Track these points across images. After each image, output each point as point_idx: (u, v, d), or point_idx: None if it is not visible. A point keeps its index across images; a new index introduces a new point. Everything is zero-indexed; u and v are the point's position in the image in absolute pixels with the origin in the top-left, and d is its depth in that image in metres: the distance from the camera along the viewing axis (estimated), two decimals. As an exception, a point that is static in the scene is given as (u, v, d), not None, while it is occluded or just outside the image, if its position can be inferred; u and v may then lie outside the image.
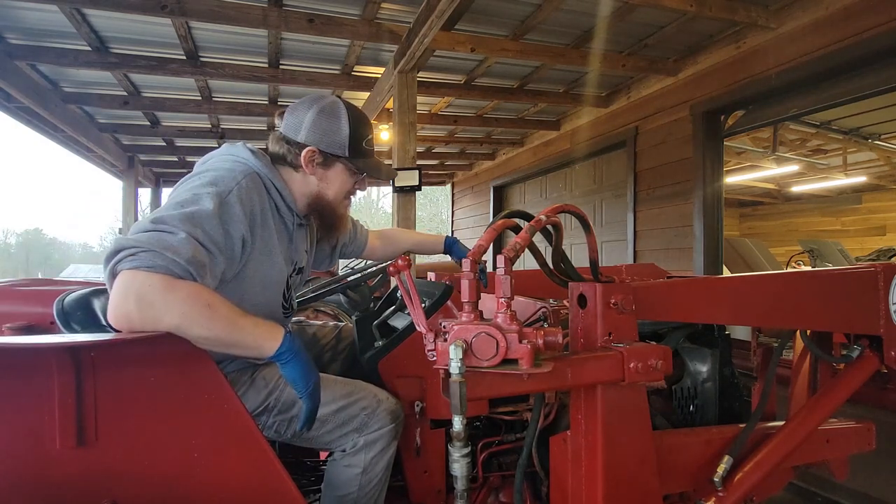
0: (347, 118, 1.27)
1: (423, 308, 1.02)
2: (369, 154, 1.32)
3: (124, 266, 0.91)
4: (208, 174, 1.11)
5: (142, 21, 3.47)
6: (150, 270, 0.91)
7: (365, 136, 1.30)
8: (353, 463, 1.28)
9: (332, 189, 1.29)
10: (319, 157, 1.25)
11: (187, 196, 1.03)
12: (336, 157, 1.26)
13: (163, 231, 0.95)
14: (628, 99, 4.95)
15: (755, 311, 1.24)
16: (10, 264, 36.85)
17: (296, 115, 1.26)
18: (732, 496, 1.20)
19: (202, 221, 1.00)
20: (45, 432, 0.88)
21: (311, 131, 1.23)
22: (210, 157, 1.22)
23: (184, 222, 0.98)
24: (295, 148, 1.24)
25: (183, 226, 0.97)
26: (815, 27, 3.28)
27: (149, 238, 0.93)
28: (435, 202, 28.86)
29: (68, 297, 1.33)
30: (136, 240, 0.92)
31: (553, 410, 1.40)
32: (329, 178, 1.28)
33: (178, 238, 0.95)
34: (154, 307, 0.90)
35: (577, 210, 1.10)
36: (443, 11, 2.85)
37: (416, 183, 3.62)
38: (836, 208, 9.69)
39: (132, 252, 0.91)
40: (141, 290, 0.90)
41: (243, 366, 1.28)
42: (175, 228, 0.96)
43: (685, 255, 4.30)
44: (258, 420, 1.26)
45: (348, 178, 1.31)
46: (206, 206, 1.02)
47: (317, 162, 1.25)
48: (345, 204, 1.36)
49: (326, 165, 1.27)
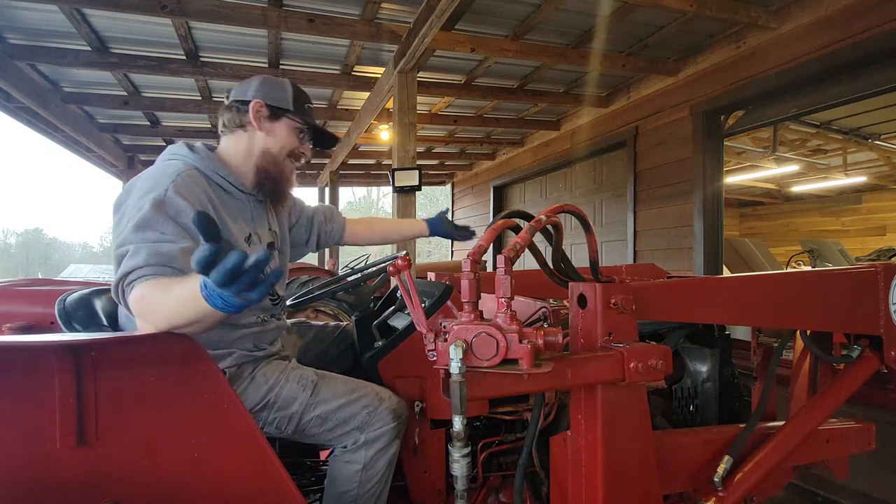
0: (290, 84, 1.39)
1: (423, 308, 1.02)
2: (311, 117, 1.41)
3: (125, 302, 1.02)
4: (145, 183, 1.15)
5: (142, 21, 3.47)
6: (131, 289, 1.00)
7: (307, 101, 1.41)
8: (353, 459, 1.28)
9: (278, 143, 1.35)
10: (266, 111, 1.33)
11: (132, 211, 1.09)
12: (282, 110, 1.35)
13: (123, 254, 1.03)
14: (628, 99, 4.95)
15: (755, 311, 1.24)
16: (10, 264, 36.85)
17: (243, 83, 1.38)
18: (732, 496, 1.20)
19: (149, 225, 1.05)
20: (45, 432, 0.88)
21: (258, 90, 1.34)
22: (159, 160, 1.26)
23: (134, 234, 1.04)
24: (244, 105, 1.33)
25: (133, 238, 1.04)
26: (815, 27, 3.28)
27: (122, 269, 1.02)
28: (435, 202, 28.85)
29: (70, 297, 1.33)
30: (117, 278, 1.02)
31: (553, 410, 1.40)
32: (275, 132, 1.35)
33: (132, 250, 1.02)
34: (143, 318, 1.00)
35: (577, 210, 1.10)
36: (443, 11, 2.85)
37: (416, 183, 3.62)
38: (836, 208, 9.69)
39: (120, 289, 1.02)
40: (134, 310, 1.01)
41: (243, 362, 1.28)
42: (129, 244, 1.04)
43: (685, 255, 4.30)
44: (258, 416, 1.26)
45: (292, 136, 1.37)
46: (147, 210, 1.07)
47: (263, 115, 1.33)
48: (289, 165, 1.40)
49: (272, 118, 1.34)
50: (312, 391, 1.29)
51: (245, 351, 1.28)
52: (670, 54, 4.18)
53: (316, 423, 1.28)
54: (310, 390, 1.29)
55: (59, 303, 1.31)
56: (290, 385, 1.29)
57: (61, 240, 45.82)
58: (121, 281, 1.01)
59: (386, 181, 6.09)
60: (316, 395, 1.29)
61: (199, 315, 0.91)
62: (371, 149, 7.20)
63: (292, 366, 1.35)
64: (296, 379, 1.30)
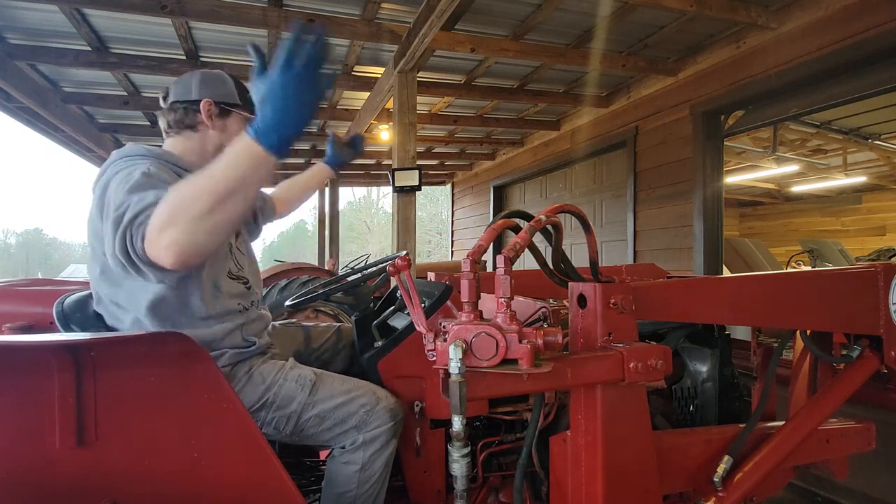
0: (229, 76, 1.36)
1: (422, 308, 1.02)
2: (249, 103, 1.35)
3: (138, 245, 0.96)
4: (122, 183, 1.08)
5: (142, 21, 3.47)
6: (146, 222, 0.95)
7: (247, 90, 1.34)
8: (351, 460, 1.28)
9: (231, 139, 1.22)
10: (216, 109, 1.31)
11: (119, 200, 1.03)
12: (230, 105, 1.33)
13: (124, 210, 0.99)
14: (628, 99, 4.95)
15: (755, 311, 1.24)
16: (10, 264, 36.85)
17: (180, 83, 1.33)
18: (732, 496, 1.20)
19: (143, 188, 1.03)
20: (45, 432, 0.88)
21: (202, 88, 1.31)
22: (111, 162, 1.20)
23: (131, 195, 1.01)
24: (192, 106, 1.30)
25: (131, 197, 1.00)
26: (815, 27, 3.28)
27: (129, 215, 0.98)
28: (435, 202, 28.86)
29: (68, 299, 1.33)
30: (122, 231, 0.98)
31: (553, 410, 1.40)
32: (228, 128, 1.33)
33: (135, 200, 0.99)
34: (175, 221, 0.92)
35: (576, 210, 1.10)
36: (443, 11, 2.85)
37: (416, 183, 3.62)
38: (836, 208, 9.68)
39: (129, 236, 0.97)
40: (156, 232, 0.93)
41: (237, 361, 1.28)
42: (127, 203, 1.00)
43: (685, 255, 4.30)
44: (256, 416, 1.26)
45: (244, 128, 1.27)
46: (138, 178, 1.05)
47: (214, 114, 1.31)
48: None
49: (223, 115, 1.33)
50: (311, 391, 1.29)
51: (236, 349, 1.28)
52: (670, 54, 4.18)
53: (314, 423, 1.28)
54: (308, 389, 1.29)
55: (56, 305, 1.31)
56: (289, 384, 1.29)
57: (61, 240, 45.82)
58: (130, 223, 0.97)
59: (386, 181, 6.10)
60: (314, 395, 1.29)
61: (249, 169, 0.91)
62: (371, 149, 7.20)
63: (290, 365, 1.35)
64: (294, 378, 1.30)
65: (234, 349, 1.28)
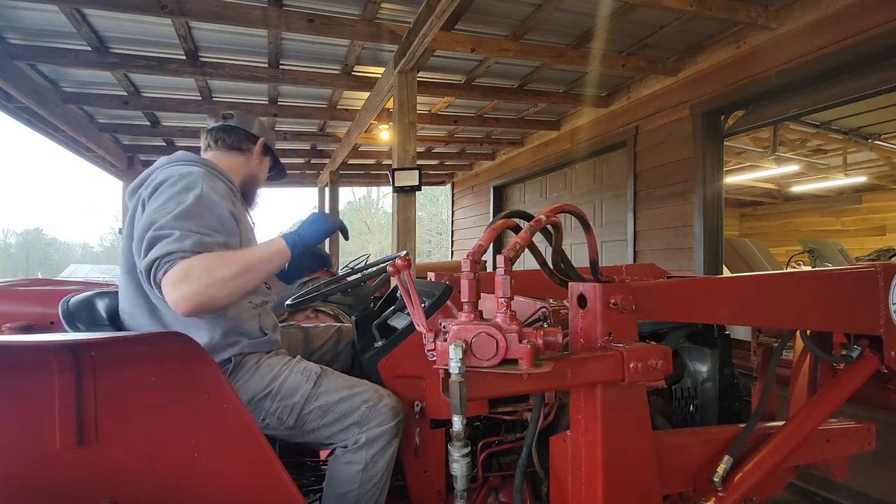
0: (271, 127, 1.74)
1: (422, 308, 1.02)
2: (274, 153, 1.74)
3: (158, 277, 1.15)
4: (178, 182, 1.28)
5: (142, 21, 3.47)
6: (173, 265, 1.14)
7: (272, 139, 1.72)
8: (354, 460, 1.29)
9: (262, 173, 1.68)
10: (262, 148, 1.64)
11: (171, 204, 1.23)
12: (269, 150, 1.68)
13: (165, 236, 1.17)
14: (628, 99, 4.95)
15: (755, 311, 1.24)
16: (10, 264, 36.84)
17: (244, 117, 1.63)
18: (732, 496, 1.20)
19: (191, 216, 1.21)
20: (45, 432, 0.88)
21: (260, 130, 1.64)
22: (159, 167, 1.37)
23: (177, 222, 1.19)
24: (251, 137, 1.61)
25: (176, 225, 1.18)
26: (815, 27, 3.28)
27: (161, 247, 1.16)
28: (435, 202, 28.84)
29: (73, 299, 1.34)
30: (155, 253, 1.15)
31: (553, 410, 1.40)
32: (263, 165, 1.67)
33: (175, 237, 1.17)
34: (188, 281, 1.13)
35: (576, 210, 1.10)
36: (443, 11, 2.85)
37: (416, 183, 3.61)
38: (836, 208, 9.69)
39: (157, 266, 1.15)
40: (177, 280, 1.13)
41: (250, 351, 1.34)
42: (172, 230, 1.18)
43: (685, 255, 4.30)
44: (261, 406, 1.29)
45: (266, 168, 1.70)
46: (189, 203, 1.23)
47: (260, 151, 1.64)
48: (261, 190, 1.69)
49: (264, 155, 1.66)
50: (315, 383, 1.33)
51: (252, 339, 1.35)
52: (670, 54, 4.17)
53: (317, 416, 1.31)
54: (312, 381, 1.33)
55: (62, 304, 1.32)
56: (294, 376, 1.33)
57: (61, 240, 45.78)
58: (162, 257, 1.14)
59: (386, 181, 6.10)
60: (318, 387, 1.33)
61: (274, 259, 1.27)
62: (371, 149, 7.20)
63: (297, 359, 1.40)
64: (300, 370, 1.35)
65: (249, 339, 1.35)
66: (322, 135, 6.48)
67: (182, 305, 1.12)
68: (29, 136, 75.71)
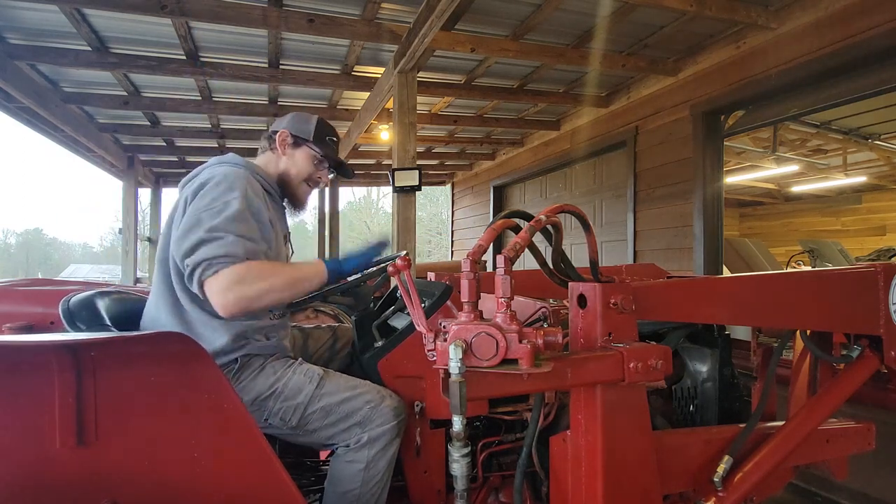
0: (317, 119, 1.59)
1: (422, 308, 1.02)
2: (331, 148, 1.60)
3: (206, 276, 1.21)
4: (221, 183, 1.32)
5: (142, 21, 3.47)
6: (226, 267, 1.22)
7: (329, 134, 1.60)
8: (356, 459, 1.29)
9: (295, 168, 1.56)
10: (290, 139, 1.55)
11: (218, 204, 1.28)
12: (303, 140, 1.55)
13: (217, 238, 1.23)
14: (628, 99, 4.95)
15: (755, 311, 1.24)
16: (10, 264, 36.83)
17: (280, 118, 1.62)
18: (732, 496, 1.20)
19: (241, 219, 1.27)
20: (45, 432, 0.88)
21: (288, 122, 1.58)
22: (207, 166, 1.41)
23: (228, 224, 1.25)
24: (274, 134, 1.56)
25: (228, 227, 1.25)
26: (815, 27, 3.28)
27: (213, 248, 1.22)
28: (435, 202, 28.84)
29: (74, 298, 1.34)
30: (205, 253, 1.22)
31: (553, 410, 1.40)
32: (295, 158, 1.56)
33: (229, 240, 1.23)
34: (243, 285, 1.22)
35: (576, 210, 1.10)
36: (443, 11, 2.85)
37: (416, 183, 3.61)
38: (836, 208, 9.68)
39: (206, 265, 1.21)
40: (230, 283, 1.21)
41: (256, 352, 1.35)
42: (225, 233, 1.24)
43: (685, 255, 4.29)
44: (264, 406, 1.30)
45: (310, 163, 1.57)
46: (236, 206, 1.28)
47: (287, 143, 1.55)
48: (304, 189, 1.59)
49: (295, 146, 1.56)
50: (318, 384, 1.34)
51: (259, 343, 1.36)
52: (670, 54, 4.17)
53: (319, 416, 1.31)
54: (315, 382, 1.34)
55: (62, 303, 1.32)
56: (297, 377, 1.34)
57: (61, 240, 45.78)
58: (214, 258, 1.21)
59: (386, 181, 6.10)
60: (321, 388, 1.33)
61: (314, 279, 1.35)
62: (371, 149, 7.20)
63: (299, 362, 1.41)
64: (303, 372, 1.36)
65: (258, 342, 1.36)
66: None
67: (232, 307, 1.21)
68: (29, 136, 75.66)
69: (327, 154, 1.58)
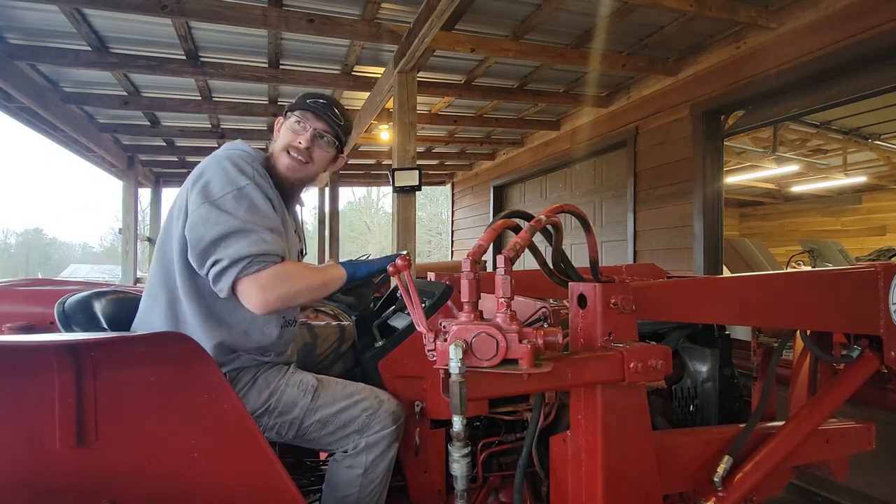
0: (312, 93, 1.50)
1: (423, 308, 1.02)
2: (304, 104, 1.44)
3: (249, 272, 1.20)
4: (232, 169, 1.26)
5: (142, 21, 3.47)
6: (268, 267, 1.22)
7: (313, 98, 1.46)
8: (354, 464, 1.28)
9: (279, 143, 1.43)
10: (282, 118, 1.46)
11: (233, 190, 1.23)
12: (285, 113, 1.46)
13: (249, 232, 1.20)
14: (628, 99, 4.95)
15: (755, 311, 1.24)
16: (10, 264, 36.82)
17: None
18: (732, 496, 1.20)
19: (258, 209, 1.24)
20: (45, 432, 0.88)
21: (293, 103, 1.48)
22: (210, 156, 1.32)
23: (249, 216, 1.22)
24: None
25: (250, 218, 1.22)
26: (815, 27, 3.28)
27: (249, 244, 1.20)
28: (435, 202, 28.83)
29: (70, 300, 1.33)
30: (242, 249, 1.19)
31: (553, 410, 1.40)
32: (280, 135, 1.45)
33: (265, 237, 1.22)
34: (285, 285, 1.23)
35: (577, 210, 1.10)
36: (443, 11, 2.85)
37: (416, 183, 3.61)
38: (836, 208, 9.68)
39: (250, 261, 1.20)
40: (270, 281, 1.21)
41: (246, 365, 1.29)
42: (256, 227, 1.21)
43: (685, 255, 4.29)
44: (259, 421, 1.26)
45: (288, 130, 1.43)
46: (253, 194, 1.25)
47: (278, 125, 1.46)
48: (283, 160, 1.41)
49: (280, 125, 1.46)
50: (313, 396, 1.30)
51: (252, 355, 1.30)
52: (670, 54, 4.17)
53: (316, 428, 1.29)
54: (310, 395, 1.30)
55: (58, 305, 1.31)
56: (291, 390, 1.29)
57: (61, 240, 45.75)
58: (256, 256, 1.20)
59: (386, 181, 6.10)
60: (316, 401, 1.30)
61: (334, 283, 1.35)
62: (371, 149, 7.20)
63: (292, 370, 1.36)
64: (296, 384, 1.31)
65: (249, 355, 1.30)
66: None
67: (273, 305, 1.22)
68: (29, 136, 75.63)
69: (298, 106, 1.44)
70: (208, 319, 1.24)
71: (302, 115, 1.42)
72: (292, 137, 1.41)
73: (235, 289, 1.21)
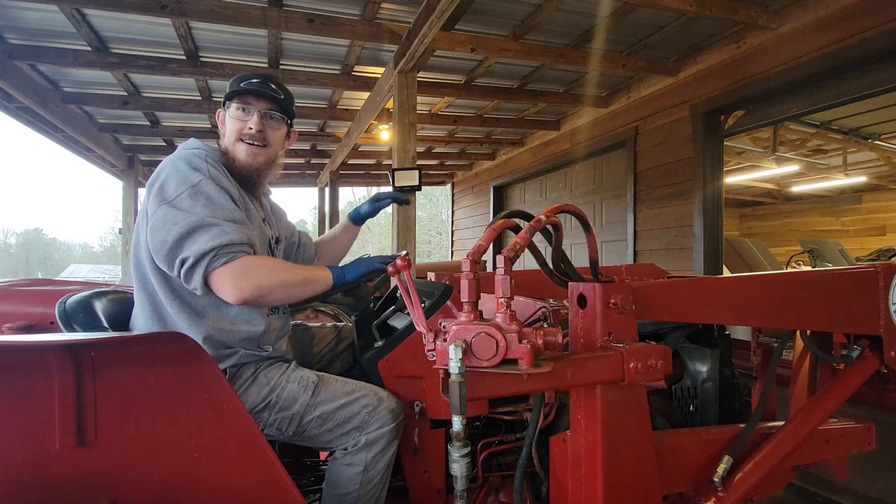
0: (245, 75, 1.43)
1: (422, 308, 1.02)
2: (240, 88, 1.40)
3: (216, 265, 1.19)
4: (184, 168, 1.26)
5: (142, 21, 3.47)
6: (236, 258, 1.21)
7: (244, 79, 1.41)
8: (354, 461, 1.28)
9: (229, 135, 1.42)
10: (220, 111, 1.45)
11: (187, 188, 1.22)
12: (224, 104, 1.43)
13: (211, 226, 1.19)
14: (628, 99, 4.95)
15: (755, 311, 1.24)
16: (10, 264, 36.83)
17: None
18: (732, 496, 1.20)
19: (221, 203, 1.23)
20: (45, 432, 0.88)
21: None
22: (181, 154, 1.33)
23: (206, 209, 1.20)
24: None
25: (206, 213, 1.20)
26: (815, 27, 3.28)
27: (212, 238, 1.18)
28: (435, 202, 28.83)
29: (70, 299, 1.33)
30: (205, 243, 1.17)
31: (553, 410, 1.40)
32: (227, 127, 1.43)
33: (226, 228, 1.20)
34: (259, 276, 1.22)
35: (576, 210, 1.10)
36: (443, 11, 2.85)
37: (416, 183, 3.59)
38: (836, 208, 9.68)
39: (215, 254, 1.18)
40: (242, 271, 1.20)
41: (245, 361, 1.30)
42: (214, 220, 1.20)
43: (685, 255, 4.29)
44: (259, 417, 1.27)
45: (233, 119, 1.41)
46: (208, 188, 1.23)
47: (220, 118, 1.45)
48: (241, 148, 1.40)
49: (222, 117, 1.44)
50: (313, 392, 1.31)
51: (249, 351, 1.31)
52: (670, 54, 4.17)
53: (316, 424, 1.29)
54: (310, 391, 1.30)
55: (59, 305, 1.31)
56: (292, 386, 1.30)
57: (61, 240, 45.79)
58: (220, 247, 1.18)
59: (386, 181, 6.10)
60: (316, 396, 1.30)
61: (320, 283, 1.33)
62: (371, 149, 7.20)
63: (293, 367, 1.37)
64: (297, 380, 1.32)
65: (247, 350, 1.31)
66: (322, 135, 6.47)
67: (248, 294, 1.20)
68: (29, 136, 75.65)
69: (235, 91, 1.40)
70: (192, 316, 1.26)
71: (242, 100, 1.40)
72: (240, 125, 1.40)
73: (209, 284, 1.21)
